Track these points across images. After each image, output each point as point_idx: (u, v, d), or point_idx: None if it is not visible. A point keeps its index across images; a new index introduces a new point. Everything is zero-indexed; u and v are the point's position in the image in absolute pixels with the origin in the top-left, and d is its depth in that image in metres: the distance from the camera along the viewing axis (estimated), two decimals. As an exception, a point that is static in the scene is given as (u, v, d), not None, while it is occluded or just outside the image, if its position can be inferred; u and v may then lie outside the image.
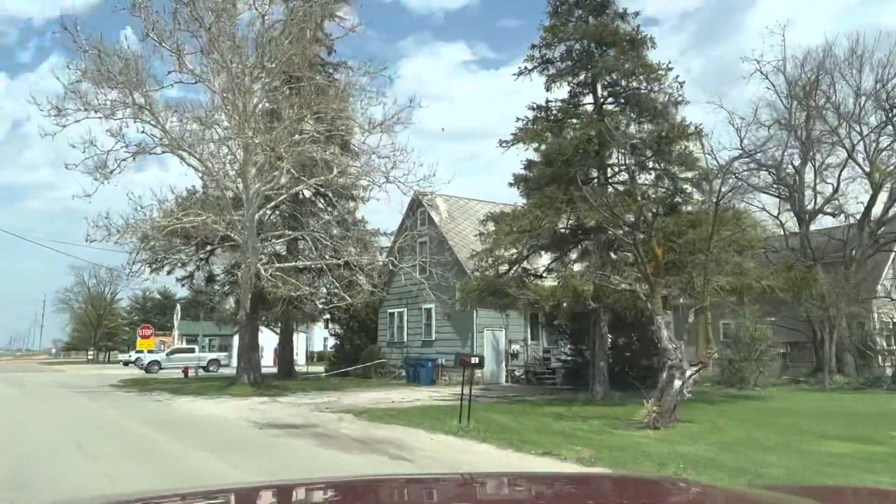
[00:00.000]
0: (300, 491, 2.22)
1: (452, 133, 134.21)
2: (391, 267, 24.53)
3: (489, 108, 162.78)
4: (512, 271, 18.91)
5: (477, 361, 11.33)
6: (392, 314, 30.81)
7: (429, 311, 28.32)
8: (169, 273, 29.22)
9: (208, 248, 29.66)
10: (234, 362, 52.89)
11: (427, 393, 21.55)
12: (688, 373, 11.97)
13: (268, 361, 57.28)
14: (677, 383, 11.87)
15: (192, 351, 42.61)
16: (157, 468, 8.02)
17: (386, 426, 12.22)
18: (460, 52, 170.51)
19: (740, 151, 24.31)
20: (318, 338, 71.52)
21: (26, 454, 9.14)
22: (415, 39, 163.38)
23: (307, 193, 30.42)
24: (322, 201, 30.63)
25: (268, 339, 58.02)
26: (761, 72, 28.29)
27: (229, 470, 7.95)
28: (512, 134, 18.70)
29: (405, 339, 29.72)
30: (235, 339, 60.31)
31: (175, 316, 61.96)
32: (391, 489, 2.28)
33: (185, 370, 34.24)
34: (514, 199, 22.35)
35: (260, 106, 21.85)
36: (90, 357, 76.82)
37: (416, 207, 29.02)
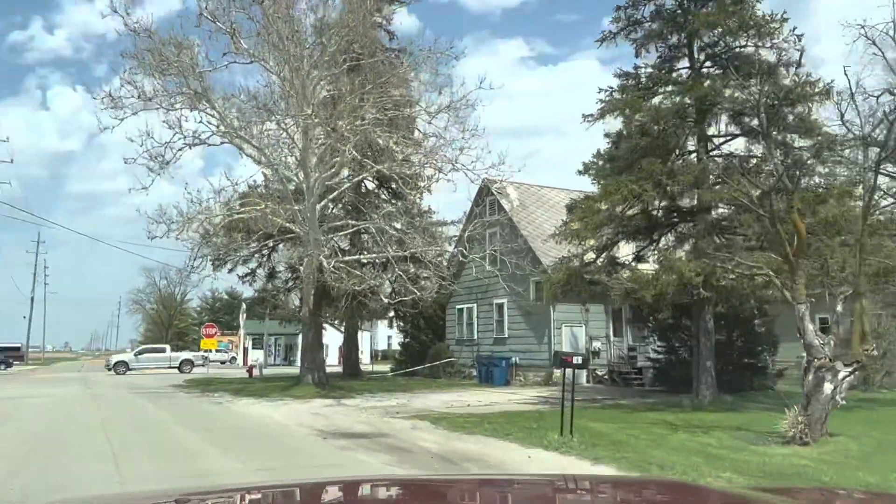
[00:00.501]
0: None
1: (511, 130, 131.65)
2: (461, 257, 22.74)
3: (547, 104, 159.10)
4: (599, 259, 16.81)
5: (580, 361, 9.36)
6: (461, 310, 29.05)
7: (500, 306, 26.42)
8: (231, 271, 28.37)
9: (270, 243, 28.71)
10: (298, 361, 52.12)
11: (503, 395, 19.68)
12: (840, 374, 9.67)
13: (332, 360, 56.50)
14: (828, 387, 9.59)
15: (163, 351, 40.71)
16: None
17: (469, 437, 10.42)
18: (518, 48, 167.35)
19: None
20: (381, 336, 70.67)
21: (52, 464, 7.80)
22: (473, 38, 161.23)
23: (369, 185, 29.07)
24: (385, 192, 29.18)
25: (332, 338, 57.33)
26: (867, 37, 25.06)
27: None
28: (599, 106, 16.54)
29: (475, 337, 27.90)
30: (300, 340, 60.03)
31: (241, 315, 62.08)
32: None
33: (250, 369, 33.45)
34: (585, 188, 20.31)
35: (319, 88, 20.47)
36: None
37: (485, 196, 27.16)
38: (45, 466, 8.05)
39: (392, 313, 34.40)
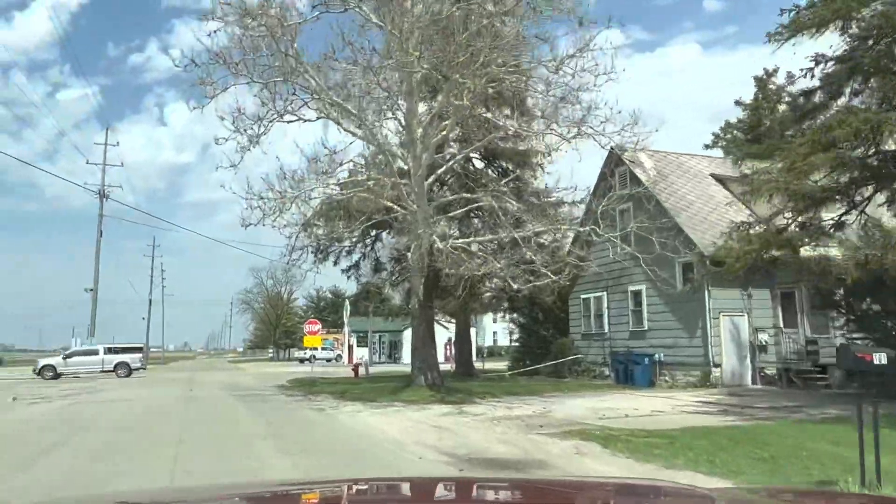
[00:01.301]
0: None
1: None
2: (594, 236, 19.12)
3: (644, 91, 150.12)
4: (793, 223, 12.79)
5: (884, 361, 5.63)
6: (587, 300, 25.36)
7: (637, 293, 22.54)
8: (335, 263, 26.17)
9: (373, 232, 26.23)
10: (407, 358, 50.18)
11: (657, 400, 15.96)
12: None
13: (438, 358, 54.06)
14: None
15: (96, 353, 35.97)
16: None
17: (676, 473, 6.95)
18: (614, 36, 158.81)
19: None
20: (486, 331, 66.92)
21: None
22: (566, 28, 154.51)
23: (478, 164, 25.99)
24: (493, 171, 25.98)
25: (437, 334, 54.98)
26: None
27: None
28: (792, 17, 12.43)
29: (606, 330, 24.15)
30: (406, 335, 57.69)
31: (345, 312, 60.86)
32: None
33: (356, 368, 31.28)
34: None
35: (424, 38, 17.49)
36: (270, 355, 79.43)
37: (614, 167, 23.36)
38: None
39: (506, 305, 31.24)
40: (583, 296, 25.47)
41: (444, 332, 56.32)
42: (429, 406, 14.94)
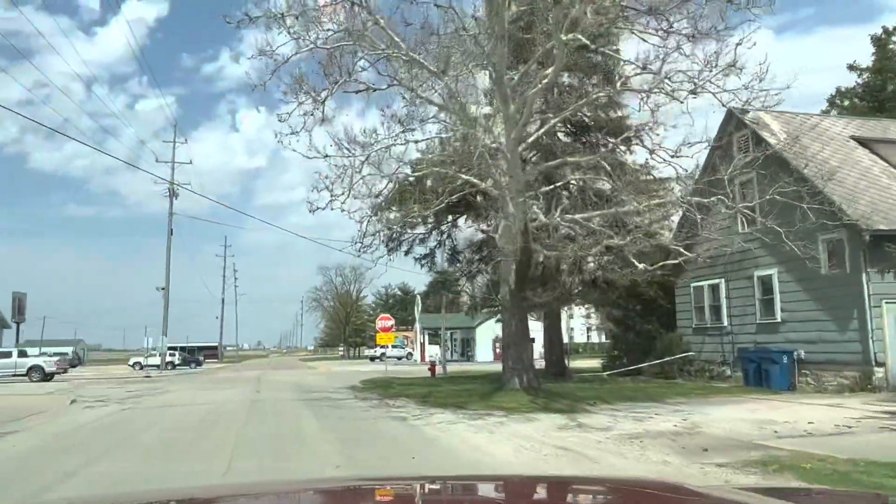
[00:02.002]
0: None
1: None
2: (723, 208, 15.85)
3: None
4: None
5: None
6: (699, 289, 21.93)
7: (767, 279, 19.03)
8: (407, 252, 23.71)
9: (450, 218, 23.61)
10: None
11: (819, 408, 12.64)
12: None
13: (485, 356, 50.75)
14: None
15: (8, 356, 32.37)
16: None
17: None
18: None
19: None
20: (563, 324, 62.96)
21: None
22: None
23: (563, 137, 22.98)
24: (581, 145, 22.87)
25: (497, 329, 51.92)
26: None
27: None
28: None
29: (725, 323, 20.69)
30: (480, 332, 54.84)
31: (416, 308, 58.77)
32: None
33: (432, 367, 28.78)
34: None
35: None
36: (341, 353, 78.40)
37: (733, 131, 19.88)
38: None
39: (595, 296, 28.02)
40: (693, 284, 22.06)
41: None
42: (534, 416, 12.13)
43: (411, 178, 19.44)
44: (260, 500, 2.12)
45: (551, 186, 18.55)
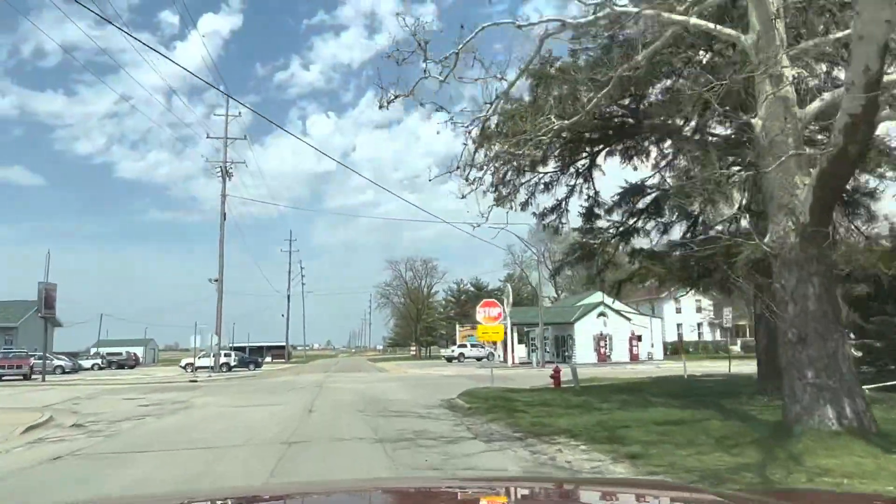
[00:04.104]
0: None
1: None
2: None
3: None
4: None
5: None
6: None
7: None
8: (524, 207, 16.14)
9: (588, 149, 16.02)
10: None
11: None
12: None
13: (587, 357, 41.25)
14: None
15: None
16: None
17: None
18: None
19: None
20: (669, 319, 52.51)
21: None
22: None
23: None
24: None
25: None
26: None
27: None
28: None
29: None
30: (578, 328, 45.87)
31: (505, 301, 51.00)
32: None
33: (556, 375, 21.07)
34: None
35: None
36: (412, 353, 71.50)
37: None
38: None
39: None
40: None
41: (621, 324, 44.28)
42: None
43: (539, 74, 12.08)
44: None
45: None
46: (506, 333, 38.05)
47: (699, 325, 55.35)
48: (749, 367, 19.52)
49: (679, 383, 18.78)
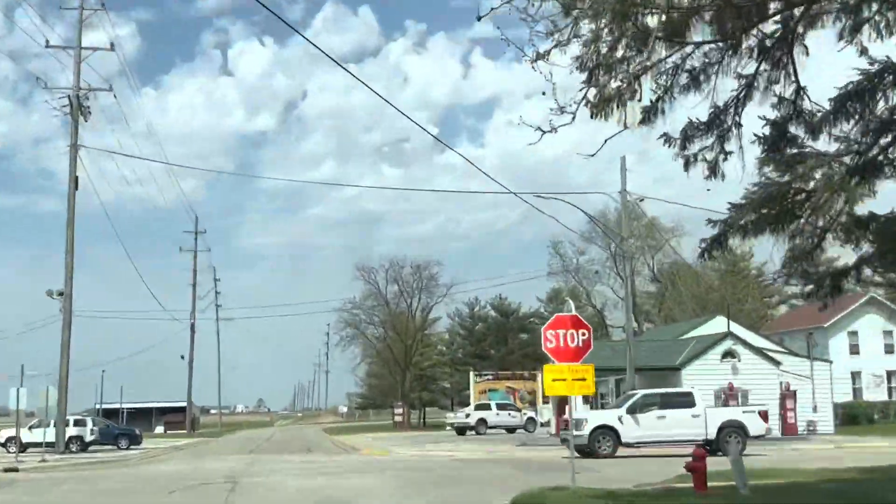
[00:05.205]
0: None
1: None
2: None
3: None
4: None
5: None
6: None
7: None
8: (648, 118, 6.33)
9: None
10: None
11: None
12: None
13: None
14: None
15: None
16: None
17: None
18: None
19: None
20: (840, 364, 28.89)
21: None
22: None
23: None
24: None
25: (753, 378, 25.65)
26: None
27: None
28: None
29: None
30: (684, 378, 26.58)
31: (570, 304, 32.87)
32: None
33: (698, 467, 5.05)
34: None
35: None
36: (398, 418, 46.91)
37: None
38: None
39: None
40: None
41: (765, 371, 25.93)
42: None
43: None
44: None
45: None
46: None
47: (890, 375, 35.65)
48: None
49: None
